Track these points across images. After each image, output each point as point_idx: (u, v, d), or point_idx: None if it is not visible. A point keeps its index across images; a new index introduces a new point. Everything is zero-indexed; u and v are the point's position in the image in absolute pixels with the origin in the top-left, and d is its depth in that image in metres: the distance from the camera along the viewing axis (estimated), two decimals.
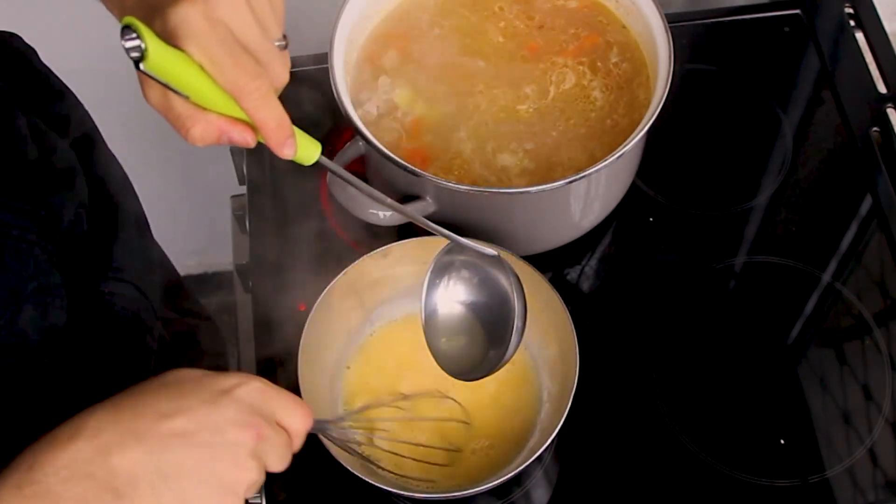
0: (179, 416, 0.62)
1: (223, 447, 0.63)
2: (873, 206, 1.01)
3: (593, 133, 0.92)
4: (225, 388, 0.64)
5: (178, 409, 0.62)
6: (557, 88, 0.94)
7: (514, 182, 0.90)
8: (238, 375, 0.66)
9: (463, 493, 0.80)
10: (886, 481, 0.88)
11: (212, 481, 0.62)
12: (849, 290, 0.97)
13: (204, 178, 1.38)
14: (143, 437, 0.61)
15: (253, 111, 0.62)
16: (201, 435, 0.62)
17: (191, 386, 0.64)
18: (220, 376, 0.66)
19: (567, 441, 0.88)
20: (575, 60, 0.96)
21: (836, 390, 0.92)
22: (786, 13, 1.12)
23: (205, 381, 0.65)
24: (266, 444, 0.65)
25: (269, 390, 0.66)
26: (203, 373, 0.66)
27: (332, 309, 0.86)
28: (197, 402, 0.63)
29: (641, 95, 0.93)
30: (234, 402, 0.64)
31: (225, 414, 0.63)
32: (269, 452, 0.65)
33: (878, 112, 1.03)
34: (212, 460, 0.62)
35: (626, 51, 0.96)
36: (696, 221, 1.01)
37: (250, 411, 0.64)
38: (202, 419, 0.62)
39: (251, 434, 0.64)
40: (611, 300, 0.98)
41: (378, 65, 0.96)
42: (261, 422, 0.64)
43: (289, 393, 0.68)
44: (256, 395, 0.65)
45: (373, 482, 0.79)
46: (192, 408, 0.63)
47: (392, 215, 0.88)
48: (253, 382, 0.66)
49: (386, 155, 0.86)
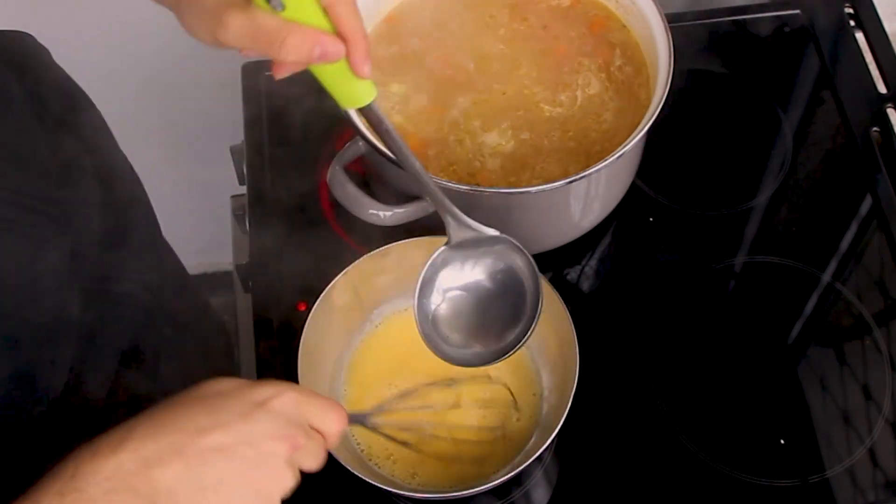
0: (217, 430, 0.64)
1: (260, 459, 0.64)
2: (873, 206, 1.01)
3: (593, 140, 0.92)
4: (260, 401, 0.66)
5: (215, 424, 0.64)
6: (566, 89, 0.94)
7: (487, 163, 0.90)
8: (273, 386, 0.67)
9: (463, 493, 0.80)
10: (886, 481, 0.88)
11: (249, 492, 0.64)
12: (849, 290, 0.97)
13: (204, 178, 1.38)
14: (183, 451, 0.62)
15: (345, 20, 0.63)
16: (238, 448, 0.64)
17: (227, 399, 0.66)
18: (256, 387, 0.67)
19: (567, 441, 0.88)
20: (577, 58, 0.96)
21: (836, 390, 0.92)
22: (786, 13, 1.12)
23: (241, 394, 0.66)
24: (301, 452, 0.67)
25: (303, 398, 0.68)
26: (239, 383, 0.67)
27: (332, 309, 0.86)
28: (233, 416, 0.65)
29: (641, 95, 0.93)
30: (270, 414, 0.65)
31: (261, 427, 0.65)
32: (304, 458, 0.68)
33: (878, 112, 1.03)
34: (249, 472, 0.64)
35: (627, 51, 0.96)
36: (696, 221, 1.01)
37: (286, 422, 0.66)
38: (239, 433, 0.64)
39: (286, 445, 0.65)
40: (611, 300, 0.98)
41: (378, 65, 0.96)
42: (296, 432, 0.66)
43: (322, 397, 0.70)
44: (291, 406, 0.67)
45: (373, 482, 0.79)
46: (228, 422, 0.64)
47: (392, 215, 0.88)
48: (288, 393, 0.67)
49: (386, 155, 0.86)
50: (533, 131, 0.92)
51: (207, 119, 1.30)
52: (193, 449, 0.63)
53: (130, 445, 0.62)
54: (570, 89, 0.94)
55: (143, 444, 0.62)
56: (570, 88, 0.94)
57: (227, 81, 1.10)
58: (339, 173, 0.88)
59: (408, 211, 0.89)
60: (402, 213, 0.88)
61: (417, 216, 0.89)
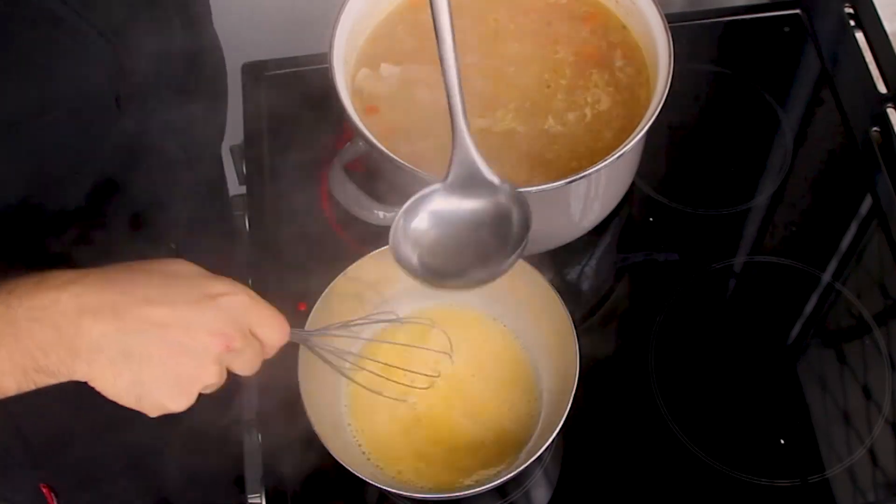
0: (161, 306, 0.65)
1: (190, 347, 0.65)
2: (873, 206, 1.01)
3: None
4: (212, 294, 0.67)
5: (161, 300, 0.65)
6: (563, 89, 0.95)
7: None
8: (229, 284, 0.68)
9: (463, 493, 0.80)
10: (886, 481, 0.88)
11: (170, 374, 0.65)
12: (849, 290, 0.97)
13: None
14: (121, 314, 0.63)
15: None
16: (174, 330, 0.65)
17: (182, 281, 0.67)
18: (213, 280, 0.68)
19: (567, 441, 0.88)
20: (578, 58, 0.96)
21: (836, 390, 0.92)
22: (786, 13, 1.12)
23: (196, 282, 0.67)
24: (233, 354, 0.68)
25: (252, 304, 0.69)
26: (199, 272, 0.68)
27: (332, 309, 0.86)
28: (182, 300, 0.66)
29: (641, 95, 0.93)
30: (216, 309, 0.66)
31: (203, 318, 0.66)
32: (236, 361, 0.69)
33: (878, 112, 1.03)
34: (176, 356, 0.65)
35: (627, 51, 0.96)
36: (696, 221, 1.01)
37: (228, 321, 0.67)
38: (180, 316, 0.65)
39: (220, 343, 0.66)
40: (611, 300, 0.98)
41: (378, 65, 0.96)
42: (234, 334, 0.67)
43: (269, 308, 0.71)
44: (239, 307, 0.68)
45: (373, 482, 0.79)
46: (174, 303, 0.65)
47: (392, 215, 0.88)
48: (240, 295, 0.68)
49: (386, 155, 0.86)
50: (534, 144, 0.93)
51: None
52: (131, 315, 0.64)
53: (74, 289, 0.63)
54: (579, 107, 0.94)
55: (85, 291, 0.63)
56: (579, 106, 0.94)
57: (228, 81, 1.10)
58: (339, 173, 0.88)
59: None
60: None
61: None
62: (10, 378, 0.62)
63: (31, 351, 0.62)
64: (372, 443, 0.86)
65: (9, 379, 0.62)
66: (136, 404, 0.66)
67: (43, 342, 0.62)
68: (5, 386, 0.63)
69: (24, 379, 0.63)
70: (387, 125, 0.94)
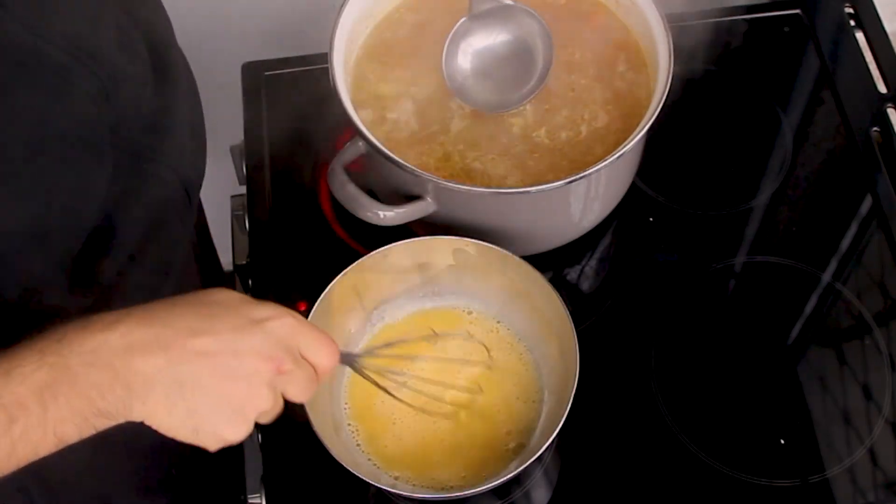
0: (207, 335, 0.64)
1: (241, 373, 0.65)
2: (873, 206, 1.00)
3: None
4: (258, 319, 0.67)
5: (207, 329, 0.65)
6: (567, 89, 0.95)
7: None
8: (274, 308, 0.68)
9: (463, 493, 0.80)
10: (886, 481, 0.88)
11: (223, 402, 0.65)
12: (849, 290, 0.97)
13: (204, 178, 1.38)
14: (169, 346, 0.63)
15: None
16: (223, 357, 0.65)
17: (226, 309, 0.67)
18: (257, 305, 0.68)
19: (567, 441, 0.88)
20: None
21: (836, 390, 0.92)
22: (786, 13, 1.12)
23: (240, 308, 0.67)
24: (285, 378, 0.67)
25: (300, 327, 0.69)
26: (242, 298, 0.68)
27: (332, 310, 0.86)
28: (227, 326, 0.66)
29: (641, 95, 0.93)
30: (263, 333, 0.66)
31: (250, 342, 0.66)
32: (288, 385, 0.68)
33: (878, 112, 1.03)
34: (228, 382, 0.65)
35: (627, 51, 0.96)
36: (696, 221, 1.01)
37: (276, 345, 0.66)
38: (227, 343, 0.65)
39: (272, 366, 0.66)
40: (611, 300, 0.98)
41: (378, 65, 0.96)
42: (283, 357, 0.67)
43: (318, 330, 0.71)
44: (286, 330, 0.67)
45: (373, 482, 0.79)
46: (220, 331, 0.65)
47: (392, 215, 0.88)
48: (286, 318, 0.68)
49: (386, 155, 0.86)
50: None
51: (207, 119, 1.29)
52: (180, 347, 0.63)
53: (121, 328, 0.63)
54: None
55: (132, 330, 0.63)
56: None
57: (227, 81, 1.10)
58: (339, 173, 0.88)
59: (408, 211, 0.89)
60: (402, 213, 0.89)
61: (417, 216, 0.89)
62: (71, 425, 0.62)
63: (88, 395, 0.62)
64: (372, 443, 0.86)
65: (69, 426, 0.62)
66: (193, 437, 0.65)
67: (99, 384, 0.62)
68: (67, 434, 0.62)
69: (84, 424, 0.62)
70: (387, 125, 0.94)
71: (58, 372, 0.61)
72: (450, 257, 0.88)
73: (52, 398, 0.61)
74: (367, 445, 0.86)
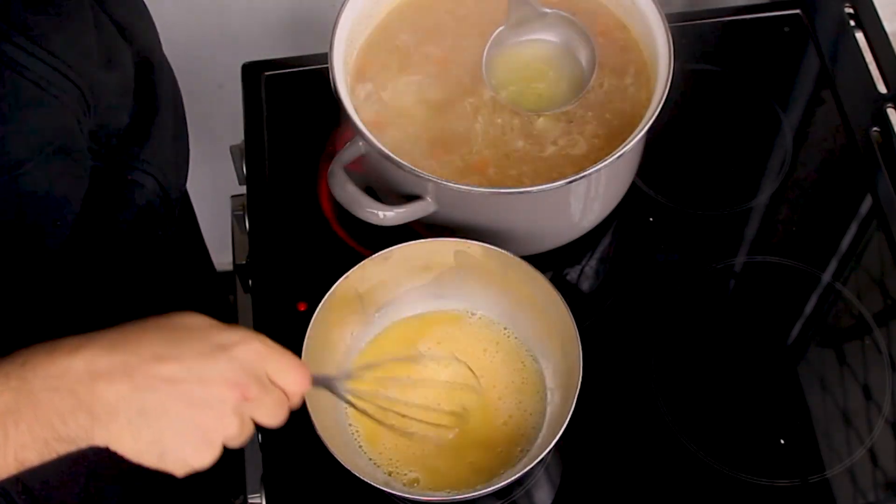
0: (172, 361, 0.64)
1: (207, 400, 0.65)
2: (873, 206, 1.01)
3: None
4: (224, 344, 0.66)
5: (172, 355, 0.64)
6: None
7: None
8: (241, 333, 0.68)
9: (465, 495, 0.80)
10: (886, 481, 0.88)
11: (188, 428, 0.65)
12: (849, 290, 0.97)
13: (204, 178, 1.38)
14: (133, 373, 0.63)
15: None
16: (188, 384, 0.64)
17: (192, 335, 0.66)
18: (224, 330, 0.67)
19: (567, 441, 0.88)
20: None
21: (836, 390, 0.92)
22: (786, 13, 1.12)
23: (207, 333, 0.67)
24: (252, 404, 0.67)
25: (267, 351, 0.68)
26: (209, 323, 0.68)
27: (334, 313, 0.86)
28: (193, 352, 0.65)
29: (641, 95, 0.93)
30: (229, 359, 0.66)
31: (217, 369, 0.65)
32: (257, 411, 0.67)
33: (878, 112, 1.03)
34: (193, 409, 0.64)
35: (627, 51, 0.96)
36: (696, 221, 1.01)
37: (243, 370, 0.66)
38: (192, 369, 0.64)
39: (237, 394, 0.65)
40: (611, 300, 0.98)
41: (378, 65, 0.96)
42: (250, 383, 0.66)
43: (287, 354, 0.70)
44: (253, 356, 0.67)
45: (374, 483, 0.79)
46: (185, 357, 0.65)
47: (392, 215, 0.88)
48: (253, 343, 0.67)
49: (386, 155, 0.86)
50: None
51: (207, 119, 1.30)
52: (144, 373, 0.63)
53: (85, 354, 0.62)
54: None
55: (97, 356, 0.63)
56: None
57: (227, 81, 1.10)
58: (339, 173, 0.88)
59: (408, 211, 0.89)
60: (402, 213, 0.88)
61: (417, 216, 0.89)
62: (32, 450, 0.62)
63: (50, 420, 0.62)
64: (373, 443, 0.86)
65: (30, 452, 0.62)
66: (158, 463, 0.65)
67: (61, 410, 0.62)
68: (28, 459, 0.62)
69: (45, 449, 0.62)
70: (387, 125, 0.94)
71: (21, 397, 0.61)
72: (451, 259, 0.88)
73: (13, 424, 0.61)
74: (369, 446, 0.86)
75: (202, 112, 1.33)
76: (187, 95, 1.00)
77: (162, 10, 0.94)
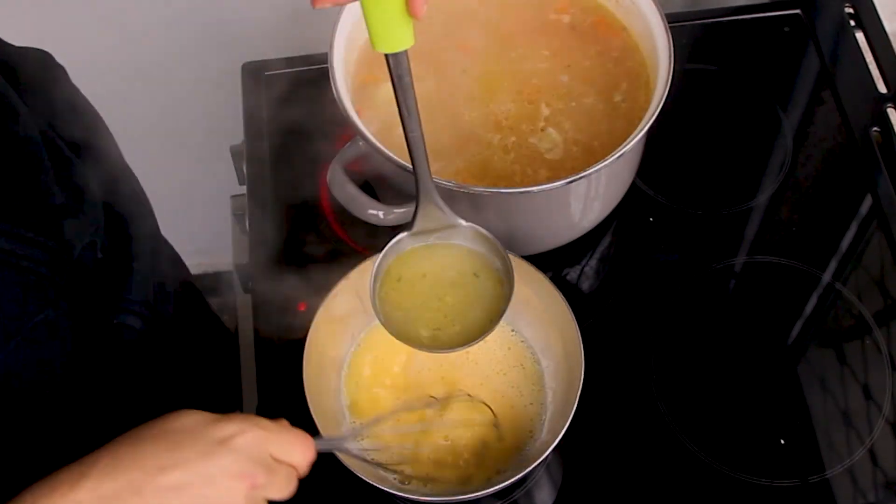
0: (177, 469, 0.64)
1: (218, 498, 0.65)
2: (873, 206, 1.01)
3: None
4: (223, 438, 0.66)
5: (175, 462, 0.64)
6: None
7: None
8: (238, 422, 0.67)
9: (467, 496, 0.80)
10: (886, 481, 0.88)
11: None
12: (849, 290, 0.97)
13: (204, 178, 1.38)
14: (141, 491, 0.63)
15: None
16: (197, 488, 0.64)
17: (189, 436, 0.66)
18: (221, 423, 0.67)
19: (568, 440, 0.88)
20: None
21: (836, 390, 0.92)
22: (786, 13, 1.12)
23: (204, 431, 0.66)
24: (261, 490, 0.67)
25: (266, 435, 0.68)
26: (203, 419, 0.67)
27: (335, 314, 0.86)
28: (194, 454, 0.65)
29: (641, 96, 0.93)
30: (231, 452, 0.66)
31: (221, 465, 0.65)
32: (269, 490, 0.68)
33: (878, 112, 1.03)
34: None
35: (627, 51, 0.96)
36: (696, 221, 1.01)
37: (246, 460, 0.66)
38: (198, 472, 0.65)
39: (246, 484, 0.66)
40: (611, 300, 0.98)
41: (378, 65, 0.96)
42: (256, 470, 0.66)
43: (287, 430, 0.70)
44: (253, 443, 0.67)
45: (373, 483, 0.79)
46: (188, 460, 0.65)
47: (392, 215, 0.88)
48: (251, 430, 0.67)
49: (386, 155, 0.86)
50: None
51: (207, 119, 1.30)
52: (152, 488, 0.63)
53: (88, 484, 0.62)
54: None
55: (101, 483, 0.62)
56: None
57: (227, 81, 1.10)
58: (339, 173, 0.88)
59: (408, 211, 0.88)
60: (402, 213, 0.88)
61: None
62: None
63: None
64: (374, 443, 0.86)
65: None
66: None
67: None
68: None
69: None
70: (386, 125, 0.94)
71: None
72: None
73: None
74: (369, 446, 0.86)
75: (202, 112, 1.34)
76: (187, 95, 1.00)
77: (162, 11, 0.94)
